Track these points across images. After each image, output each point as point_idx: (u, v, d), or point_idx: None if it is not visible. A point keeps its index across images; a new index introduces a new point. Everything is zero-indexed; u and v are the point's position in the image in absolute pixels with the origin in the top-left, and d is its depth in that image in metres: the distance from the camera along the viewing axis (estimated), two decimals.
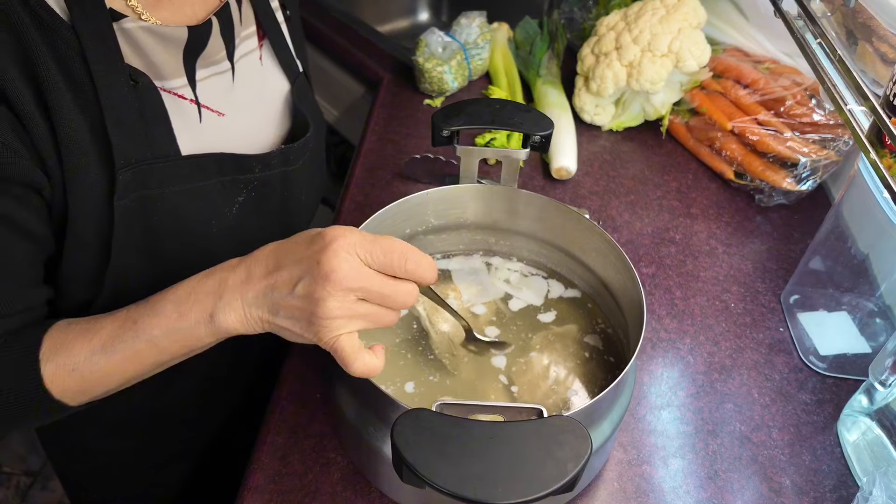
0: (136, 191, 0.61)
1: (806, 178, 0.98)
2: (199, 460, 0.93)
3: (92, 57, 0.56)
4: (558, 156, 1.04)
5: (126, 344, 0.57)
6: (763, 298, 0.91)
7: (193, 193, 0.65)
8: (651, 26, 1.05)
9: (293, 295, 0.53)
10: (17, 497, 1.66)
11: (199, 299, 0.56)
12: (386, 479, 0.66)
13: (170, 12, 0.63)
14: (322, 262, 0.51)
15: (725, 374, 0.81)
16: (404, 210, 0.75)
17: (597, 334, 0.77)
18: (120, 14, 0.58)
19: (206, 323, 0.56)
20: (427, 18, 1.67)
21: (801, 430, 0.76)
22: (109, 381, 0.59)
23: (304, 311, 0.53)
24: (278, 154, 0.72)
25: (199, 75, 0.66)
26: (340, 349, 0.53)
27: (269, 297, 0.54)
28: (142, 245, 0.64)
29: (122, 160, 0.59)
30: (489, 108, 0.76)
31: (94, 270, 0.63)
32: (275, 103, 0.75)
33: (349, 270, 0.51)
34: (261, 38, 0.73)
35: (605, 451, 0.68)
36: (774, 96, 1.00)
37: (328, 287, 0.51)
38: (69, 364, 0.57)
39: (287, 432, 0.72)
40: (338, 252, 0.51)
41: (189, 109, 0.65)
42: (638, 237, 0.98)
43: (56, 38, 0.55)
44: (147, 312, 0.57)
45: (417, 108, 1.18)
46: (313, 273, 0.52)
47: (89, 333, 0.58)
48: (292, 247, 0.55)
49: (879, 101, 0.64)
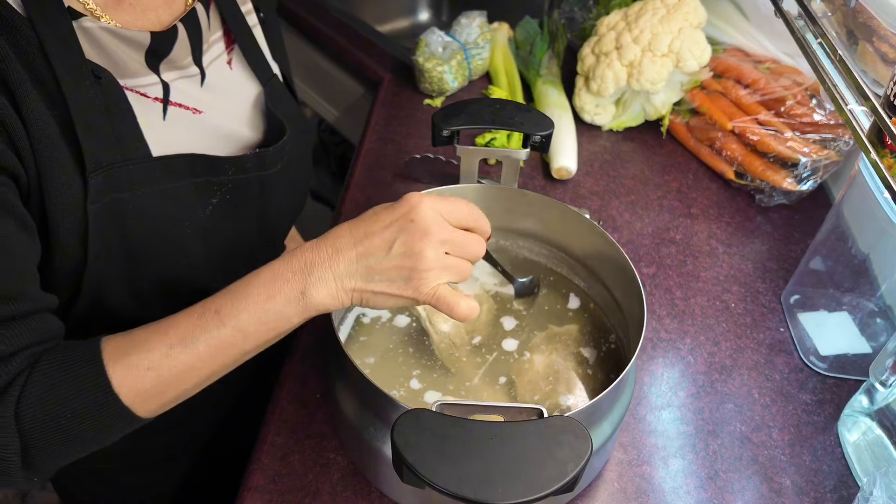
0: (108, 194, 0.60)
1: (806, 178, 0.98)
2: (195, 461, 0.93)
3: (52, 52, 0.55)
4: (558, 156, 1.04)
5: (210, 333, 0.56)
6: (763, 298, 0.91)
7: (165, 195, 0.64)
8: (651, 26, 1.05)
9: (390, 255, 0.56)
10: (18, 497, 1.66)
11: (287, 279, 0.57)
12: (386, 479, 0.66)
13: (131, 16, 0.62)
14: (416, 219, 0.56)
15: (726, 374, 0.81)
16: None
17: (597, 334, 0.77)
18: (78, 13, 0.58)
19: (297, 301, 0.57)
20: (427, 18, 1.67)
21: (802, 431, 0.76)
22: (189, 379, 0.57)
23: (402, 268, 0.56)
24: (253, 157, 0.71)
25: (165, 77, 0.65)
26: (443, 297, 0.58)
27: (363, 263, 0.57)
28: (116, 247, 0.63)
29: (93, 164, 0.58)
30: (489, 108, 0.76)
31: (72, 272, 0.62)
32: (246, 107, 0.74)
33: (441, 224, 0.57)
34: (230, 43, 0.72)
35: (606, 452, 0.68)
36: (775, 96, 1.00)
37: (426, 240, 0.56)
38: (143, 362, 0.55)
39: (287, 432, 0.72)
40: (427, 210, 0.57)
41: (153, 108, 0.64)
42: (638, 237, 0.97)
43: (15, 33, 0.54)
44: (230, 300, 0.57)
45: (417, 108, 1.18)
46: (409, 230, 0.56)
47: (162, 329, 0.56)
48: (373, 217, 0.58)
49: (880, 101, 0.64)
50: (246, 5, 0.74)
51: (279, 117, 0.75)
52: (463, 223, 0.60)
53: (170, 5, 0.66)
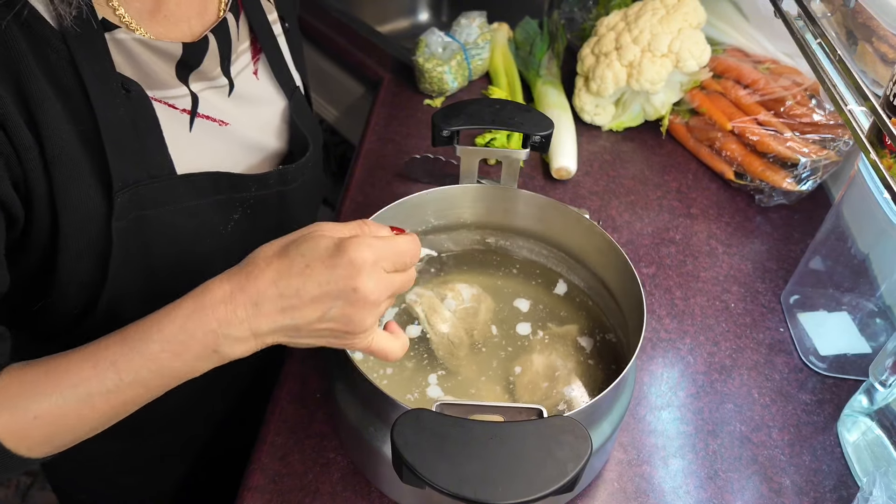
0: (132, 212, 0.60)
1: (806, 178, 0.98)
2: (194, 461, 0.93)
3: (82, 65, 0.55)
4: (558, 156, 1.04)
5: (105, 386, 0.51)
6: (763, 298, 0.91)
7: (189, 212, 0.64)
8: (651, 26, 1.05)
9: (324, 319, 0.51)
10: (17, 497, 1.66)
11: (197, 338, 0.51)
12: (386, 479, 0.66)
13: (164, 28, 0.62)
14: (359, 288, 0.50)
15: (725, 374, 0.81)
16: (404, 210, 0.75)
17: (597, 334, 0.77)
18: (112, 25, 0.57)
19: (208, 357, 0.52)
20: (427, 18, 1.67)
21: (802, 431, 0.76)
22: (82, 426, 0.52)
23: (336, 330, 0.52)
24: (276, 174, 0.71)
25: (194, 88, 0.64)
26: (378, 349, 0.56)
27: (289, 322, 0.51)
28: (136, 262, 0.63)
29: (120, 182, 0.58)
30: (489, 108, 0.76)
31: (89, 282, 0.62)
32: (272, 119, 0.74)
33: (383, 288, 0.52)
34: (256, 53, 0.72)
35: (606, 452, 0.68)
36: (774, 96, 1.00)
37: (367, 309, 0.51)
38: (31, 410, 0.50)
39: (287, 432, 0.72)
40: (371, 274, 0.51)
41: (180, 119, 0.64)
42: (638, 237, 0.98)
43: (46, 47, 0.53)
44: (128, 352, 0.51)
45: (417, 108, 1.18)
46: (349, 299, 0.51)
47: (55, 371, 0.51)
48: (306, 271, 0.51)
49: (879, 102, 0.64)
50: (272, 14, 0.74)
51: (303, 132, 0.74)
52: (403, 267, 0.55)
53: (201, 15, 0.65)
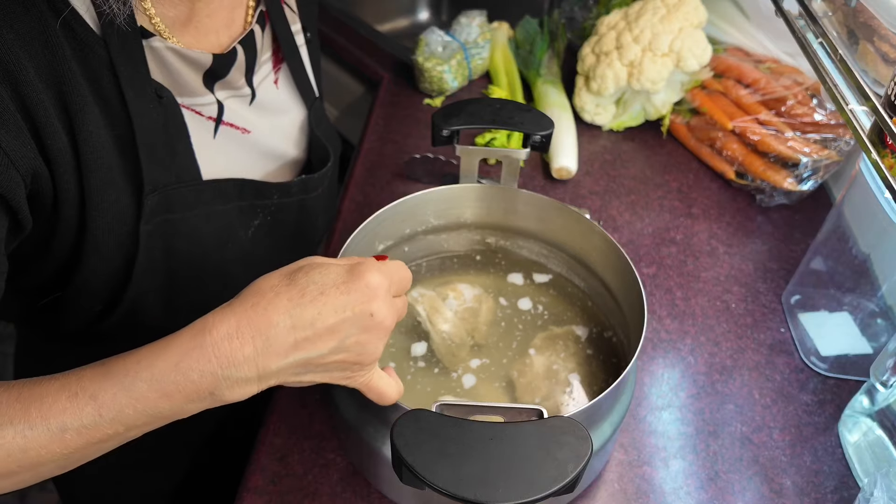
0: (160, 215, 0.61)
1: (807, 178, 0.98)
2: (193, 461, 0.93)
3: (122, 72, 0.56)
4: (559, 156, 1.04)
5: (82, 422, 0.45)
6: (764, 299, 0.90)
7: (211, 217, 0.65)
8: (652, 25, 1.05)
9: (337, 350, 0.48)
10: (17, 497, 1.66)
11: (192, 379, 0.46)
12: (386, 479, 0.66)
13: (194, 38, 0.63)
14: (375, 313, 0.48)
15: (726, 374, 0.81)
16: (404, 210, 0.75)
17: (597, 335, 0.76)
18: (149, 33, 0.58)
19: (202, 400, 0.47)
20: (427, 18, 1.67)
21: (803, 431, 0.76)
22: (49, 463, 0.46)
23: (345, 362, 0.50)
24: (299, 183, 0.72)
25: (219, 96, 0.66)
26: (375, 386, 0.53)
27: (300, 357, 0.48)
28: (159, 264, 0.64)
29: (151, 186, 0.59)
30: (489, 107, 0.76)
31: (112, 284, 0.63)
32: (291, 128, 0.75)
33: (393, 313, 0.51)
34: (277, 63, 0.73)
35: (606, 452, 0.68)
36: (775, 96, 1.00)
37: (381, 333, 0.50)
38: None
39: (287, 433, 0.72)
40: (385, 299, 0.49)
41: (206, 126, 0.65)
42: (638, 237, 0.97)
43: (88, 52, 0.54)
44: (111, 387, 0.46)
45: (417, 107, 1.18)
46: (366, 324, 0.48)
47: (26, 398, 0.45)
48: (321, 299, 0.48)
49: (881, 101, 0.64)
50: (296, 25, 0.75)
51: (324, 142, 0.75)
52: (402, 292, 0.54)
53: (229, 27, 0.66)
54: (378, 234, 0.75)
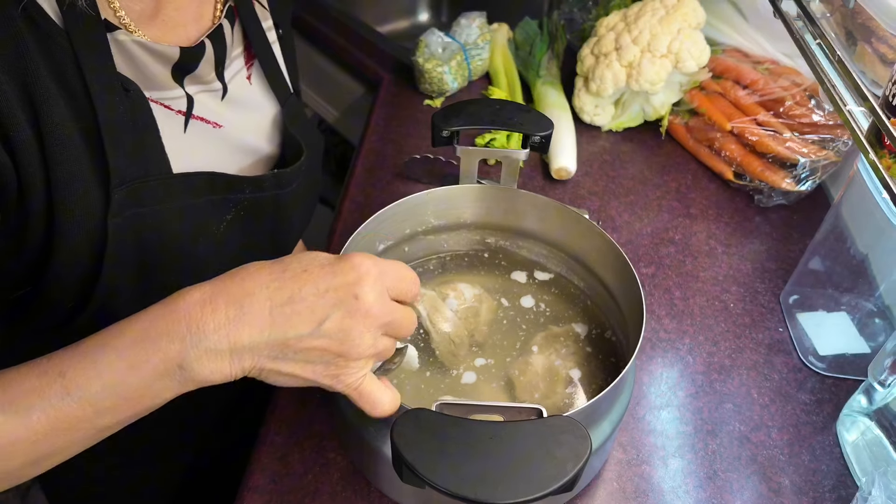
0: (128, 209, 0.60)
1: (805, 178, 0.98)
2: (193, 460, 0.93)
3: (86, 64, 0.55)
4: (558, 156, 1.04)
5: (48, 402, 0.43)
6: (762, 299, 0.91)
7: (182, 211, 0.65)
8: (651, 27, 1.05)
9: (317, 333, 0.46)
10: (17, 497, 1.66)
11: (159, 346, 0.44)
12: (386, 479, 0.66)
13: (162, 32, 0.63)
14: (360, 295, 0.46)
15: (725, 374, 0.81)
16: (404, 210, 0.75)
17: (596, 334, 0.77)
18: (114, 26, 0.58)
19: (170, 375, 0.45)
20: (427, 19, 1.67)
21: (801, 430, 0.76)
22: (17, 455, 0.44)
23: (328, 351, 0.47)
24: (270, 178, 0.71)
25: (189, 90, 0.65)
26: (367, 393, 0.51)
27: (277, 336, 0.46)
28: (130, 259, 0.63)
29: (118, 179, 0.58)
30: (489, 108, 0.76)
31: (83, 278, 0.62)
32: (264, 123, 0.75)
33: (385, 304, 0.48)
34: (250, 59, 0.73)
35: (605, 451, 0.68)
36: (774, 97, 1.00)
37: (367, 322, 0.47)
38: None
39: (287, 432, 0.72)
40: (374, 285, 0.47)
41: (175, 120, 0.65)
42: (637, 237, 0.98)
43: (52, 44, 0.54)
44: (79, 361, 0.45)
45: (417, 108, 1.18)
46: (349, 307, 0.46)
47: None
48: (303, 275, 0.47)
49: (878, 102, 0.64)
50: (267, 21, 0.75)
51: (297, 138, 0.75)
52: (402, 297, 0.51)
53: (198, 21, 0.66)
54: (378, 234, 0.75)
